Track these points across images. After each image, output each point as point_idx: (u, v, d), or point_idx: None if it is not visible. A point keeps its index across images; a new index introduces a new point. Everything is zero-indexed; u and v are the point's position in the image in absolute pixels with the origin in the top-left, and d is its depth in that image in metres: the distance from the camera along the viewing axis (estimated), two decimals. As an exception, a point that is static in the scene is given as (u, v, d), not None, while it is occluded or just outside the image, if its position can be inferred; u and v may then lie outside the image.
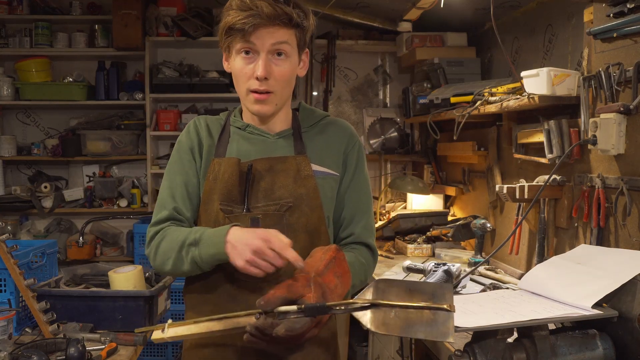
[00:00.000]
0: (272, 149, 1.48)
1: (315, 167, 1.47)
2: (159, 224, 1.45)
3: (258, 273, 1.25)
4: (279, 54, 1.38)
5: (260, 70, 1.36)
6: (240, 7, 1.34)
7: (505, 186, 2.37)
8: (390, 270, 2.78)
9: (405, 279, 1.19)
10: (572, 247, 2.19)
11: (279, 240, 1.24)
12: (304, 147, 1.49)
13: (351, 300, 1.18)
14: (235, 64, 1.41)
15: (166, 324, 1.31)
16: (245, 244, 1.25)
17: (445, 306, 1.10)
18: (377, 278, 1.54)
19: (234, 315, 1.26)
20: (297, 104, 1.59)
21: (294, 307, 1.18)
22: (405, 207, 3.91)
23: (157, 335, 1.31)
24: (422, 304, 1.11)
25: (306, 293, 1.19)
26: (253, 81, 1.39)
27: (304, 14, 1.40)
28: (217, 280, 1.43)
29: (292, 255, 1.23)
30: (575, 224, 2.19)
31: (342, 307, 1.19)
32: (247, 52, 1.38)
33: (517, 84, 2.46)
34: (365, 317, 1.15)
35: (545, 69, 2.14)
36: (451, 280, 2.21)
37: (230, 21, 1.36)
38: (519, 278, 2.28)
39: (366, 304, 1.15)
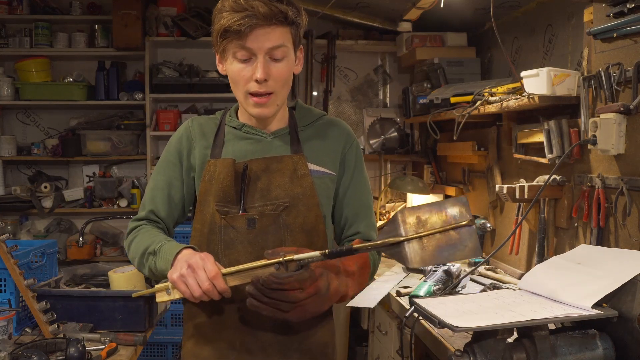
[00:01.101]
0: (268, 148, 1.47)
1: (311, 166, 1.46)
2: (138, 221, 1.52)
3: (185, 291, 1.27)
4: (276, 58, 1.37)
5: (259, 72, 1.35)
6: (235, 8, 1.32)
7: (505, 186, 2.37)
8: (391, 270, 2.78)
9: (422, 205, 1.22)
10: (572, 247, 2.19)
11: (212, 266, 1.26)
12: (300, 146, 1.48)
13: (379, 242, 1.19)
14: (232, 67, 1.39)
15: (170, 285, 1.31)
16: (184, 261, 1.29)
17: (465, 222, 1.15)
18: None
19: (249, 267, 1.25)
20: (294, 103, 1.58)
21: (317, 253, 1.20)
22: (405, 207, 3.91)
23: (162, 297, 1.32)
24: (446, 227, 1.14)
25: (287, 251, 1.23)
26: (252, 84, 1.38)
27: (297, 11, 1.39)
28: None
29: (220, 284, 1.25)
30: (575, 224, 2.19)
31: (370, 247, 1.21)
32: (244, 56, 1.37)
33: (517, 84, 2.46)
34: (401, 257, 1.17)
35: (545, 69, 2.14)
36: (451, 281, 2.21)
37: (225, 24, 1.33)
38: (519, 278, 2.28)
39: (394, 242, 1.17)
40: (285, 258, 1.20)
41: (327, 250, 1.20)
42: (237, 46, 1.35)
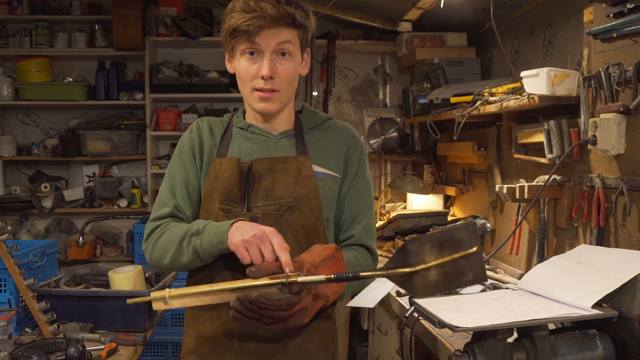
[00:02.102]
0: (273, 149, 1.49)
1: (316, 167, 1.47)
2: (159, 220, 1.47)
3: (245, 257, 1.25)
4: (283, 54, 1.40)
5: (265, 69, 1.38)
6: (244, 9, 1.36)
7: (505, 186, 2.37)
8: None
9: (431, 232, 1.21)
10: (572, 247, 2.19)
11: (281, 240, 1.26)
12: (305, 148, 1.49)
13: (390, 272, 1.18)
14: (240, 64, 1.42)
15: (166, 293, 1.24)
16: (250, 227, 1.28)
17: (473, 250, 1.14)
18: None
19: (247, 285, 1.21)
20: (301, 106, 1.60)
21: (321, 277, 1.18)
22: (405, 207, 3.91)
23: (159, 306, 1.26)
24: (454, 256, 1.14)
25: (291, 273, 1.19)
26: (258, 80, 1.40)
27: (305, 14, 1.42)
28: (219, 278, 1.43)
29: (285, 258, 1.23)
30: (575, 224, 2.19)
31: (377, 274, 1.20)
32: (251, 53, 1.40)
33: (517, 84, 2.46)
34: (408, 286, 1.17)
35: (545, 69, 2.14)
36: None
37: (234, 23, 1.37)
38: (519, 278, 2.28)
39: (403, 273, 1.16)
40: (289, 280, 1.18)
41: (332, 276, 1.19)
42: (245, 44, 1.38)
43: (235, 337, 1.43)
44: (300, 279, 1.18)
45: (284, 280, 1.18)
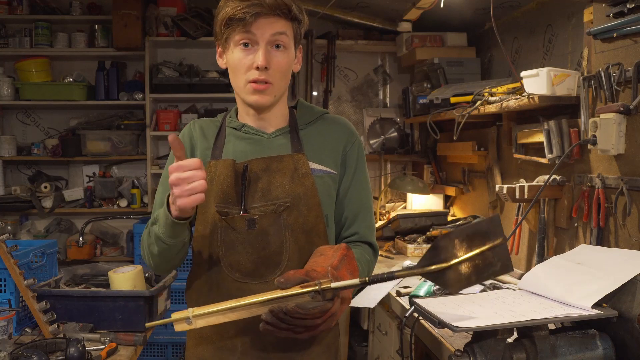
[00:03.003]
0: (268, 148, 1.47)
1: (313, 165, 1.46)
2: (149, 227, 1.49)
3: (181, 196, 1.24)
4: (278, 46, 1.39)
5: (260, 59, 1.37)
6: None
7: (505, 186, 2.37)
8: (391, 270, 2.78)
9: (458, 229, 1.25)
10: (572, 247, 2.19)
11: (189, 162, 1.25)
12: (301, 145, 1.47)
13: (424, 270, 1.21)
14: (234, 55, 1.41)
15: (189, 313, 1.19)
16: (171, 182, 1.26)
17: (499, 241, 1.18)
18: (377, 268, 1.55)
19: (278, 296, 1.18)
20: (296, 102, 1.58)
21: (356, 281, 1.19)
22: (405, 207, 3.91)
23: (181, 327, 1.22)
24: (482, 248, 1.18)
25: (323, 280, 1.19)
26: (252, 72, 1.39)
27: (300, 9, 1.43)
28: (219, 280, 1.43)
29: (202, 173, 1.24)
30: (575, 224, 2.19)
31: (412, 273, 1.22)
32: (245, 44, 1.38)
33: (517, 84, 2.46)
34: (442, 282, 1.19)
35: (545, 69, 2.14)
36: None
37: (230, 12, 1.36)
38: (519, 278, 2.28)
39: (437, 269, 1.19)
40: (322, 287, 1.17)
41: (367, 278, 1.20)
42: (240, 34, 1.37)
43: (238, 339, 1.42)
44: (333, 284, 1.17)
45: (317, 287, 1.16)
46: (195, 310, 1.19)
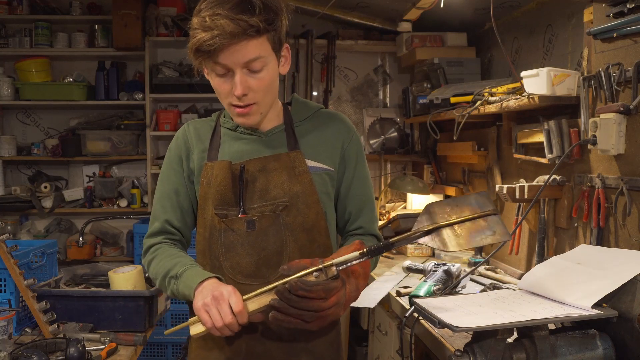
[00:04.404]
0: (264, 147, 1.46)
1: (310, 162, 1.45)
2: (153, 237, 1.50)
3: (207, 320, 1.25)
4: (254, 70, 1.33)
5: (238, 89, 1.33)
6: (203, 26, 1.28)
7: (505, 186, 2.37)
8: (390, 270, 2.78)
9: (448, 199, 1.32)
10: (572, 247, 2.19)
11: (238, 300, 1.25)
12: (297, 143, 1.46)
13: (412, 232, 1.26)
14: (213, 81, 1.38)
15: None
16: (211, 289, 1.27)
17: (490, 210, 1.25)
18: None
19: (278, 283, 1.22)
20: (290, 98, 1.56)
21: (355, 254, 1.23)
22: (405, 207, 3.91)
23: (197, 329, 1.28)
24: (475, 215, 1.25)
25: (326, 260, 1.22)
26: (233, 97, 1.36)
27: (274, 13, 1.32)
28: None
29: (243, 319, 1.25)
30: (575, 224, 2.19)
31: (408, 237, 1.26)
32: (221, 71, 1.34)
33: (517, 84, 2.46)
34: (437, 242, 1.24)
35: (545, 69, 2.14)
36: (451, 281, 2.21)
37: (195, 43, 1.29)
38: (519, 278, 2.28)
39: (428, 229, 1.25)
40: (324, 264, 1.20)
41: (365, 249, 1.23)
42: (212, 63, 1.33)
43: (243, 340, 1.42)
44: (335, 260, 1.22)
45: (320, 266, 1.21)
46: None
